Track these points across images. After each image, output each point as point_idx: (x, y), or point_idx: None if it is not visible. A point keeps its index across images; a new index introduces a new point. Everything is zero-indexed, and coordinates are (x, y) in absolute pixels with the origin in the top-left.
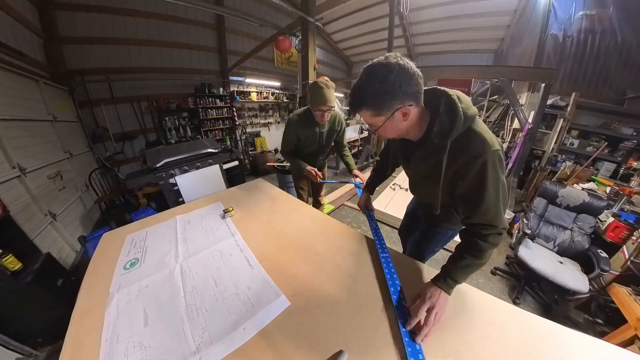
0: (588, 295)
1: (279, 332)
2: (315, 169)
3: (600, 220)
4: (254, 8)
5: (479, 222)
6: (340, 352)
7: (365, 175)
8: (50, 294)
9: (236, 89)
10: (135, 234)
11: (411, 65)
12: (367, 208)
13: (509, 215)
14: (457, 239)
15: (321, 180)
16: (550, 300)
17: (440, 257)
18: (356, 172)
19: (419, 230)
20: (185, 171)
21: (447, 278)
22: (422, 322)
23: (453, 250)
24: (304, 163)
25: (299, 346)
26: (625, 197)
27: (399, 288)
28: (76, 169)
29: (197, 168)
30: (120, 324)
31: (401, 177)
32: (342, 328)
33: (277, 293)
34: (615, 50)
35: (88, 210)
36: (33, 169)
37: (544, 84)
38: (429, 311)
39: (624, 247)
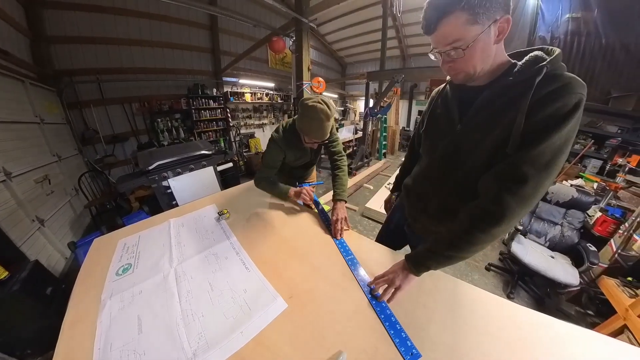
0: (579, 287)
1: (277, 335)
2: (304, 189)
3: (589, 215)
4: (248, 8)
5: (511, 172)
6: (339, 353)
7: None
8: (39, 303)
9: (230, 89)
10: (127, 238)
11: None
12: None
13: None
14: None
15: (311, 201)
16: (542, 294)
17: None
18: (343, 209)
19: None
20: (179, 173)
21: (420, 264)
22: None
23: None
24: (285, 187)
25: (297, 348)
26: (611, 193)
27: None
28: (65, 172)
29: (191, 170)
30: (114, 332)
31: None
32: (341, 328)
33: (274, 295)
34: (600, 52)
35: (78, 215)
36: (19, 173)
37: None
38: (389, 286)
39: (612, 240)
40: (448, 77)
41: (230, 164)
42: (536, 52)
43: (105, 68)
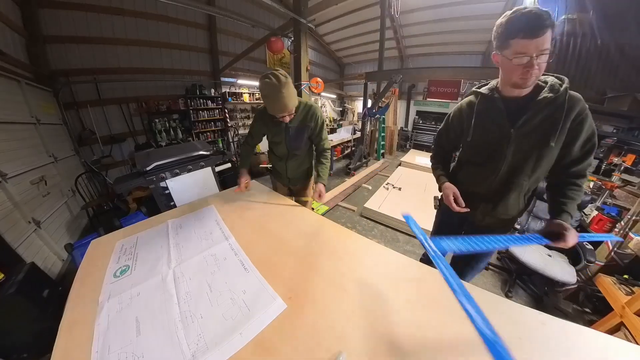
0: (576, 286)
1: (276, 336)
2: (244, 180)
3: (585, 214)
4: (246, 9)
5: (584, 166)
6: (338, 353)
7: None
8: (36, 306)
9: (228, 90)
10: (125, 240)
11: None
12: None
13: None
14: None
15: (242, 191)
16: (540, 292)
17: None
18: (320, 187)
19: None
20: (177, 174)
21: (567, 214)
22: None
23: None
24: (244, 165)
25: (297, 348)
26: (607, 192)
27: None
28: (61, 173)
29: (189, 171)
30: (112, 334)
31: (394, 177)
32: (340, 328)
33: (273, 296)
34: (595, 53)
35: (75, 217)
36: (15, 174)
37: None
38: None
39: None
40: (474, 88)
41: (229, 165)
42: (555, 78)
43: (102, 68)
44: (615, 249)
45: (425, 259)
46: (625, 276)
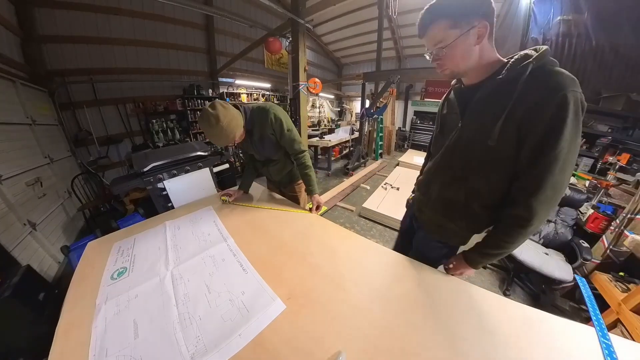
0: (572, 283)
1: (275, 336)
2: (233, 194)
3: (581, 213)
4: (244, 9)
5: (529, 186)
6: (338, 353)
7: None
8: (32, 309)
9: (226, 90)
10: (122, 241)
11: None
12: None
13: None
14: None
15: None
16: (538, 290)
17: None
18: (317, 198)
19: (413, 248)
20: (174, 175)
21: (477, 262)
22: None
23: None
24: (245, 184)
25: (296, 349)
26: (602, 190)
27: None
28: (57, 174)
29: (187, 172)
30: (109, 337)
31: (392, 177)
32: (339, 328)
33: (272, 297)
34: (590, 53)
35: (71, 219)
36: (9, 175)
37: None
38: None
39: (604, 236)
40: (452, 82)
41: (227, 165)
42: (526, 51)
43: (98, 68)
44: (611, 246)
45: (399, 249)
46: (621, 273)
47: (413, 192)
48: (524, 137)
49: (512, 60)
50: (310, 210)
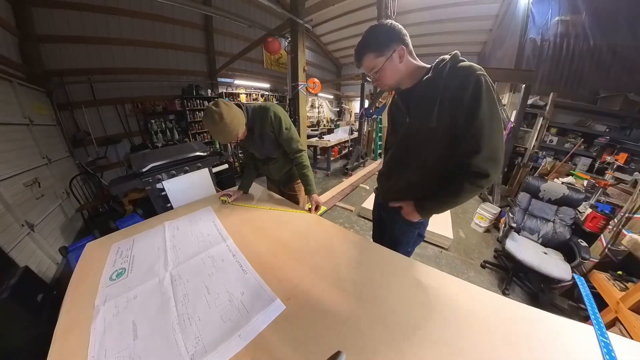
0: (571, 282)
1: (275, 337)
2: (233, 194)
3: (580, 212)
4: (243, 9)
5: (470, 149)
6: (338, 353)
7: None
8: (30, 311)
9: (225, 90)
10: (121, 242)
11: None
12: None
13: (495, 210)
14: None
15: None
16: (537, 290)
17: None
18: (316, 198)
19: (387, 235)
20: (173, 175)
21: (424, 208)
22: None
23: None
24: (244, 184)
25: (296, 349)
26: (601, 190)
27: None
28: (56, 175)
29: (186, 172)
30: (108, 338)
31: None
32: (339, 329)
33: (272, 297)
34: (588, 53)
35: (69, 219)
36: (7, 176)
37: (524, 85)
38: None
39: (602, 235)
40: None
41: (226, 166)
42: (442, 56)
43: (97, 68)
44: (609, 245)
45: (375, 237)
46: (619, 272)
47: (378, 182)
48: (455, 113)
49: (434, 63)
50: (310, 210)
